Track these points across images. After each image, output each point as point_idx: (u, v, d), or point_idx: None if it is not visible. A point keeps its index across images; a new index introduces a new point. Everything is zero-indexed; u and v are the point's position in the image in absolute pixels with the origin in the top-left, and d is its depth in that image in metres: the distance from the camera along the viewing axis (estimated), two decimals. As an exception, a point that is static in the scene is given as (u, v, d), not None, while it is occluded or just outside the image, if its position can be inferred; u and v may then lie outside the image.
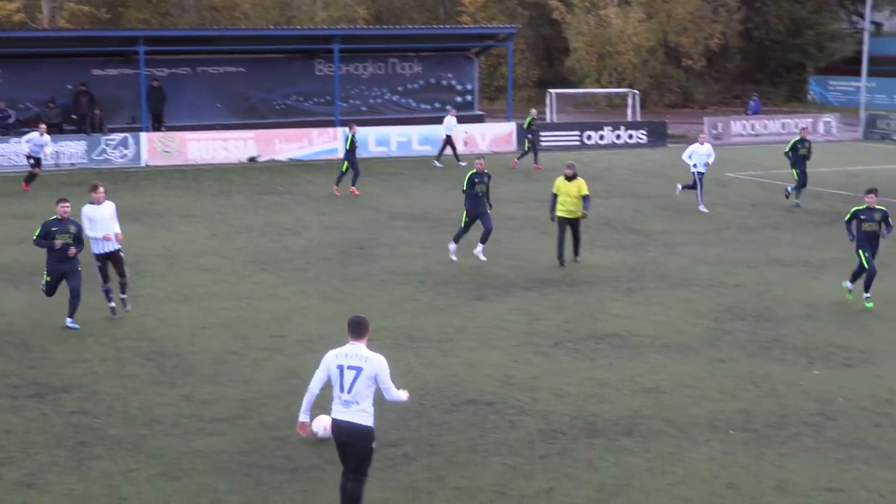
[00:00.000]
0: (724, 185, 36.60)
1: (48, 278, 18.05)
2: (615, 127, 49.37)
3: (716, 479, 12.23)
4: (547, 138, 47.02)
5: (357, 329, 10.48)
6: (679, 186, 32.24)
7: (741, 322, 18.88)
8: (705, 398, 14.91)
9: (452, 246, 23.70)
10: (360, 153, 43.14)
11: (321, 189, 34.80)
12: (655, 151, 47.21)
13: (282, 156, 42.56)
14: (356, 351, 10.40)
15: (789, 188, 32.08)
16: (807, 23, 69.14)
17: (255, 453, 12.89)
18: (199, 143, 41.87)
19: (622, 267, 23.26)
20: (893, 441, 13.39)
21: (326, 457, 12.75)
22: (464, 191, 23.76)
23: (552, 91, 56.05)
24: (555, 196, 23.52)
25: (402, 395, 10.72)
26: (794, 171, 31.86)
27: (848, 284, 20.05)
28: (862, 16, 63.38)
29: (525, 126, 41.38)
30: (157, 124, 43.22)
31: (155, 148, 41.09)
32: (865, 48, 56.34)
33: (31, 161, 33.91)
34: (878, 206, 19.66)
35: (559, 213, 23.47)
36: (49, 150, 35.43)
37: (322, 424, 11.72)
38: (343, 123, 44.22)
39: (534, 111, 42.85)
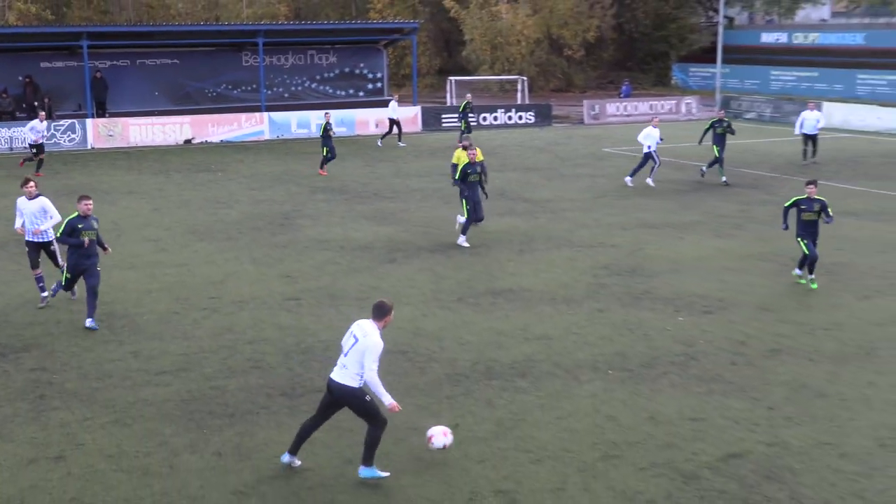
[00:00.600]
0: (601, 158, 36.98)
1: (68, 275, 16.14)
2: (507, 109, 49.52)
3: (597, 412, 12.44)
4: (449, 120, 47.09)
5: (375, 311, 10.49)
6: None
7: (617, 277, 19.14)
8: (587, 343, 15.13)
9: (462, 237, 21.77)
10: (285, 134, 43.08)
11: (250, 167, 34.45)
12: (542, 130, 47.52)
13: (214, 138, 42.03)
14: (365, 326, 10.42)
15: (704, 168, 31.12)
16: (670, 17, 69.87)
17: (197, 401, 12.81)
18: (139, 128, 41.17)
19: (515, 231, 23.42)
20: (746, 376, 13.72)
21: (260, 402, 12.73)
22: (455, 180, 22.27)
23: (451, 78, 56.12)
24: (454, 166, 24.19)
25: (385, 396, 10.30)
26: (714, 147, 30.83)
27: (797, 271, 18.73)
28: (717, 11, 64.24)
29: (461, 109, 41.29)
30: (101, 111, 42.56)
31: (99, 132, 40.29)
32: (720, 39, 57.14)
33: (34, 149, 32.91)
34: (817, 197, 18.15)
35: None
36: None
37: (441, 438, 11.08)
38: (269, 108, 43.92)
39: (469, 96, 42.89)
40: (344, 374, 10.38)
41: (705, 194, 28.77)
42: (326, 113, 34.74)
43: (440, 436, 11.03)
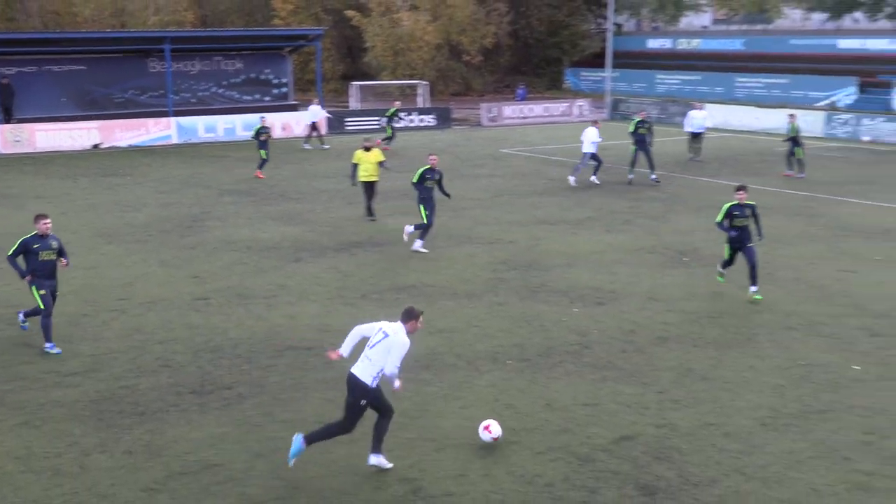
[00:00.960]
0: (499, 159, 37.21)
1: (42, 292, 14.32)
2: (409, 112, 49.51)
3: (497, 401, 12.52)
4: (352, 123, 46.96)
5: (404, 315, 10.41)
6: (571, 178, 30.93)
7: (515, 272, 19.29)
8: (487, 335, 15.21)
9: (419, 243, 21.07)
10: (193, 139, 42.41)
11: (158, 171, 33.81)
12: (443, 132, 47.64)
13: (122, 143, 41.10)
14: (396, 326, 10.33)
15: (630, 175, 30.71)
16: (562, 24, 70.60)
17: (107, 400, 12.53)
18: (46, 133, 40.02)
19: (417, 230, 23.42)
20: (636, 363, 13.96)
21: (170, 400, 12.51)
22: (414, 183, 21.32)
23: (355, 83, 55.90)
24: (355, 165, 24.45)
25: (396, 382, 10.46)
26: (632, 148, 30.65)
27: (720, 269, 17.95)
28: (606, 18, 65.14)
29: (388, 115, 41.14)
30: (8, 117, 41.18)
31: (6, 138, 39.06)
32: (609, 45, 57.95)
33: None
34: (747, 202, 17.11)
35: (362, 179, 24.42)
36: None
37: (490, 432, 11.14)
38: (176, 113, 43.18)
39: (397, 103, 42.82)
40: (365, 367, 10.23)
41: (597, 192, 29.16)
42: (262, 117, 34.35)
43: (495, 426, 11.13)
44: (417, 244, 21.04)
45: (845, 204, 27.09)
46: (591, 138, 30.24)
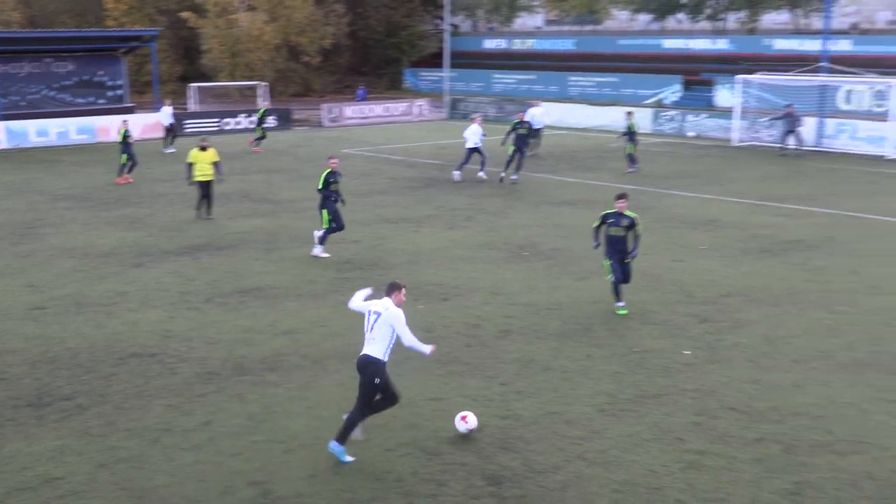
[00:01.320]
0: (341, 159, 36.99)
1: None
2: (249, 114, 48.76)
3: (345, 399, 12.42)
4: (190, 125, 45.96)
5: (388, 288, 10.92)
6: (456, 174, 31.42)
7: (359, 271, 19.26)
8: (333, 335, 15.14)
9: (319, 248, 20.42)
10: (23, 143, 40.68)
11: (-13, 177, 32.32)
12: (283, 133, 47.15)
13: (-53, 148, 39.14)
14: (382, 303, 10.78)
15: (503, 174, 30.73)
16: (400, 25, 70.86)
17: (-62, 418, 11.90)
18: None
19: (260, 231, 23.13)
20: (480, 357, 14.15)
21: (6, 414, 11.98)
22: (319, 189, 20.28)
23: (192, 85, 54.80)
24: (190, 165, 24.50)
25: (424, 348, 10.86)
26: (510, 148, 30.73)
27: (617, 304, 16.32)
28: (443, 19, 65.75)
29: (259, 116, 40.37)
30: None
31: None
32: (446, 45, 58.60)
33: None
34: (627, 213, 15.99)
35: (197, 178, 24.46)
36: None
37: (467, 423, 11.36)
38: (5, 117, 41.34)
39: (266, 103, 42.08)
40: (373, 347, 10.65)
41: (438, 190, 29.42)
42: (125, 120, 33.20)
43: (472, 417, 11.41)
44: (317, 249, 20.48)
45: (672, 196, 28.15)
46: (474, 135, 31.11)
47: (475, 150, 31.05)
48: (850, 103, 43.65)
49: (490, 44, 69.74)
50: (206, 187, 24.59)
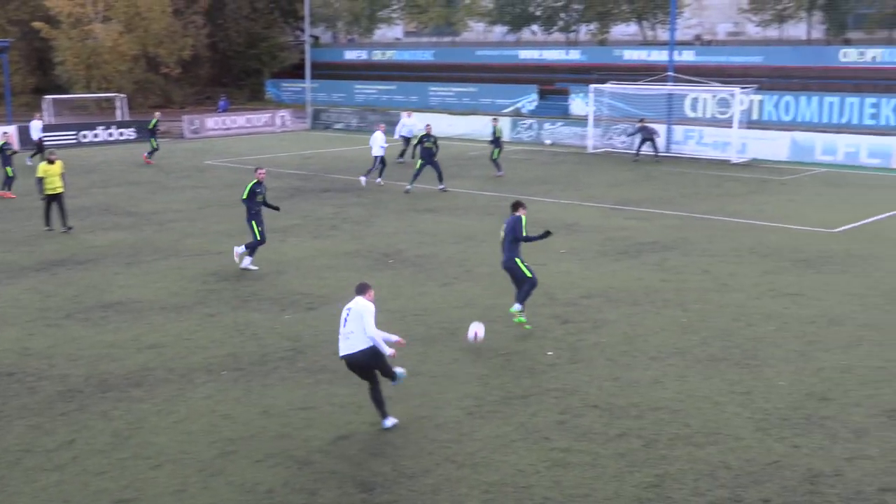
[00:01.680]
0: (203, 171, 36.38)
1: None
2: (107, 126, 47.42)
3: (213, 412, 12.20)
4: (48, 138, 44.22)
5: (359, 289, 11.63)
6: (362, 178, 32.03)
7: (226, 282, 18.90)
8: (200, 347, 14.80)
9: (248, 260, 19.84)
10: None
11: None
12: (144, 145, 45.80)
13: None
14: (353, 301, 11.45)
15: (409, 186, 30.49)
16: (260, 36, 69.91)
17: None
18: None
19: (122, 244, 22.45)
20: (349, 364, 14.03)
21: None
22: (243, 200, 19.78)
23: (47, 97, 52.84)
24: (41, 179, 23.89)
25: (386, 347, 11.37)
26: (418, 161, 30.81)
27: (514, 307, 15.66)
28: (303, 31, 65.24)
29: (150, 127, 39.09)
30: None
31: None
32: (307, 57, 58.20)
33: None
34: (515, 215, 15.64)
35: (48, 192, 23.91)
36: None
37: (473, 331, 13.96)
38: None
39: (157, 114, 40.59)
40: (352, 341, 11.28)
41: (302, 199, 29.14)
42: (5, 132, 31.63)
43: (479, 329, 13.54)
44: (246, 261, 19.90)
45: (531, 202, 28.53)
46: (378, 142, 31.91)
47: (379, 157, 31.93)
48: (695, 111, 45.29)
49: (351, 55, 69.56)
50: (58, 199, 24.01)
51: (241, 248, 20.07)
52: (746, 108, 42.07)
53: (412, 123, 39.13)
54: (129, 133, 47.67)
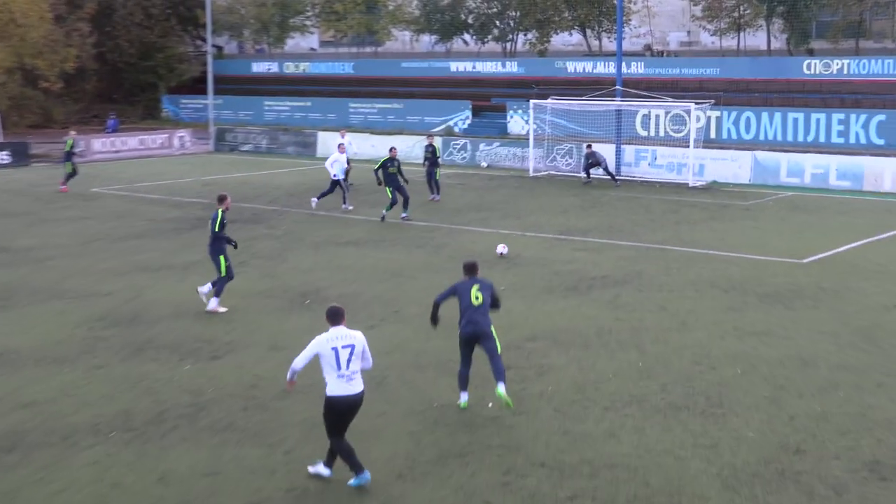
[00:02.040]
0: (90, 199, 35.80)
1: None
2: (-22, 148, 46.56)
3: (100, 480, 11.85)
4: None
5: (338, 316, 11.76)
6: (314, 200, 33.08)
7: (115, 328, 18.51)
8: (85, 404, 14.42)
9: (215, 301, 19.61)
10: None
11: None
12: (19, 171, 45.18)
13: None
14: (342, 332, 11.55)
15: (385, 211, 30.37)
16: (156, 46, 69.45)
17: None
18: None
19: (-7, 286, 21.93)
20: (260, 421, 13.78)
21: None
22: (216, 233, 19.66)
23: None
24: None
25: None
26: (387, 189, 30.54)
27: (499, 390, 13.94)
28: (205, 40, 64.90)
29: (66, 149, 38.29)
30: None
31: None
32: (210, 69, 57.85)
33: None
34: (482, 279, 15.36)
35: None
36: None
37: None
38: None
39: (73, 133, 39.78)
40: (354, 384, 11.53)
41: (204, 232, 28.72)
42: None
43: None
44: (213, 303, 19.56)
45: (466, 232, 28.59)
46: (339, 164, 32.99)
47: (337, 181, 32.81)
48: (647, 129, 45.87)
49: (259, 67, 69.42)
50: None
51: (205, 288, 19.78)
52: (703, 126, 42.78)
53: (347, 143, 36.89)
54: (3, 157, 46.83)
